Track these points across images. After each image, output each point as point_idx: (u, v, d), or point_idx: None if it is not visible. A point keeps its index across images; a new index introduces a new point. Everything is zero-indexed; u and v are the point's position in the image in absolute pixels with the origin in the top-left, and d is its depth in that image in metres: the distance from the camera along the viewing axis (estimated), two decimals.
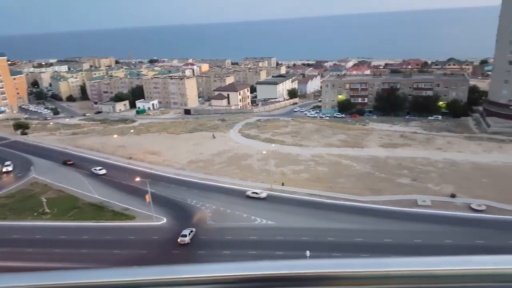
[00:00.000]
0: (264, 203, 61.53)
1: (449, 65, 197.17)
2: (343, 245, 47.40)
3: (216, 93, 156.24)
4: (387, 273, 1.42)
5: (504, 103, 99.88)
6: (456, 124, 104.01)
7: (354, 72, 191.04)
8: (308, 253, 42.00)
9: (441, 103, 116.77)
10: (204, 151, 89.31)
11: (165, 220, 58.83)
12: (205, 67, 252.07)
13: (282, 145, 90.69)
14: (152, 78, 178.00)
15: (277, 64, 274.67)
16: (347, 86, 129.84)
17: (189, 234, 51.98)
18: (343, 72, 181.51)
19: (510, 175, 66.20)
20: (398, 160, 76.32)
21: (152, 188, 63.12)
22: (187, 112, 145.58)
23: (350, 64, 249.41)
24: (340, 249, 45.68)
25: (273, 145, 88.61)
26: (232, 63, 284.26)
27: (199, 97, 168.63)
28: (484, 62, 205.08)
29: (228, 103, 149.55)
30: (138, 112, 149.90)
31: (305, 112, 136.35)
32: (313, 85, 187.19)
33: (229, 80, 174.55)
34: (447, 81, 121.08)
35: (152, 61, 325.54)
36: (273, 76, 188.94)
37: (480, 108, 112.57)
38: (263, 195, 63.81)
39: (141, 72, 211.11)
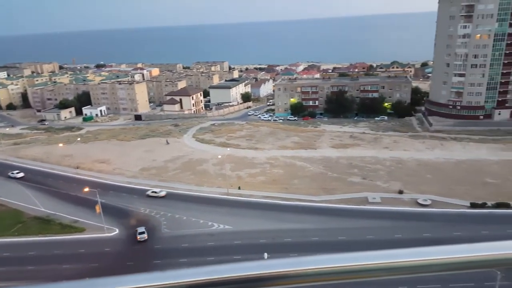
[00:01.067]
0: (221, 208, 60.91)
1: (392, 68, 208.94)
2: (300, 245, 48.05)
3: (168, 97, 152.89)
4: (364, 266, 1.51)
5: (444, 103, 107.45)
6: (401, 123, 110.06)
7: (304, 76, 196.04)
8: (266, 255, 42.05)
9: (386, 104, 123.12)
10: (157, 158, 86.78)
11: (117, 231, 56.25)
12: (155, 71, 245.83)
13: (237, 149, 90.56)
14: (99, 83, 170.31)
15: (230, 68, 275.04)
16: (299, 89, 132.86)
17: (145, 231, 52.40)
18: (294, 76, 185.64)
19: (451, 171, 71.14)
20: (349, 160, 79.14)
21: (103, 198, 60.05)
22: (138, 118, 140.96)
23: (300, 68, 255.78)
24: (297, 249, 46.27)
25: (228, 149, 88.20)
26: (184, 67, 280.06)
27: (150, 102, 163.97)
28: (424, 64, 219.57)
29: (181, 107, 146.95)
30: (85, 120, 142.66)
31: (259, 115, 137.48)
32: (266, 88, 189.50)
33: (181, 84, 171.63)
34: (391, 83, 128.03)
35: (99, 66, 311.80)
36: (226, 80, 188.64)
37: (422, 108, 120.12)
38: (162, 193, 66.02)
39: (87, 78, 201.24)
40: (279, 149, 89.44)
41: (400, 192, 62.57)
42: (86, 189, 62.36)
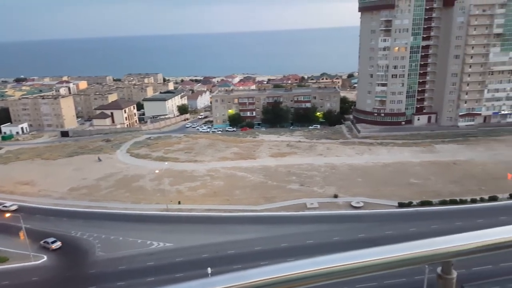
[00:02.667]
0: (161, 225, 58.65)
1: (322, 79, 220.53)
2: (243, 255, 47.89)
3: (98, 111, 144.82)
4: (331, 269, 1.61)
5: (370, 111, 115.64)
6: (332, 131, 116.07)
7: (241, 87, 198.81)
8: (209, 270, 41.19)
9: (318, 113, 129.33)
10: (87, 176, 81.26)
11: (45, 257, 51.37)
12: (83, 84, 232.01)
13: (176, 162, 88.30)
14: (19, 98, 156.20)
15: (164, 80, 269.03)
16: (236, 100, 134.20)
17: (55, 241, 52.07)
18: (231, 88, 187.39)
19: (379, 173, 76.38)
20: (287, 168, 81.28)
21: (27, 224, 54.60)
22: (65, 134, 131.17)
23: (236, 79, 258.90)
24: (241, 261, 46.03)
25: (166, 163, 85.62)
26: (114, 80, 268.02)
27: (78, 117, 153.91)
28: (350, 75, 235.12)
29: (113, 122, 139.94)
30: (4, 138, 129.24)
31: (197, 127, 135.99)
32: (203, 100, 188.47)
33: (112, 97, 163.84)
34: (322, 93, 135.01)
35: (19, 80, 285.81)
36: (161, 92, 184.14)
37: (351, 116, 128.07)
38: (13, 207, 64.88)
39: (6, 93, 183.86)
40: (219, 160, 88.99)
41: (335, 196, 65.62)
42: (7, 214, 56.39)
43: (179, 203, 65.37)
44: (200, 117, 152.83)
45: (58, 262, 50.29)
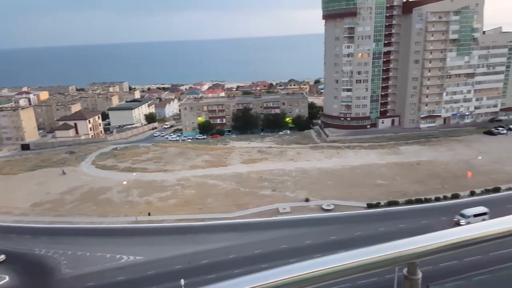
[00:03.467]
0: (130, 238, 56.92)
1: (290, 85, 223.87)
2: (217, 264, 47.30)
3: (61, 123, 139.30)
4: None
5: (336, 115, 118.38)
6: (302, 136, 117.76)
7: (210, 94, 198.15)
8: (182, 281, 40.33)
9: (288, 119, 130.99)
10: (51, 190, 77.72)
11: (7, 278, 48.49)
12: (44, 95, 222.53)
13: (144, 172, 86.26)
14: None
15: (130, 88, 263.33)
16: (205, 108, 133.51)
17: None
18: (200, 95, 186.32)
19: (347, 176, 78.13)
20: (258, 174, 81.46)
21: None
22: (26, 147, 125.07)
23: (205, 87, 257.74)
24: (215, 270, 45.43)
25: (134, 174, 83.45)
26: (77, 89, 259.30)
27: (39, 129, 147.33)
28: (317, 81, 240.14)
29: (77, 133, 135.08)
30: None
31: (166, 136, 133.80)
32: (172, 108, 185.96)
33: (76, 108, 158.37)
34: (290, 99, 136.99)
35: None
36: (127, 101, 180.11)
37: (319, 121, 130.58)
38: None
39: None
40: (190, 169, 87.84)
41: (307, 200, 66.41)
42: None
43: (149, 214, 63.79)
44: (166, 126, 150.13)
45: (21, 283, 47.58)
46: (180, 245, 53.51)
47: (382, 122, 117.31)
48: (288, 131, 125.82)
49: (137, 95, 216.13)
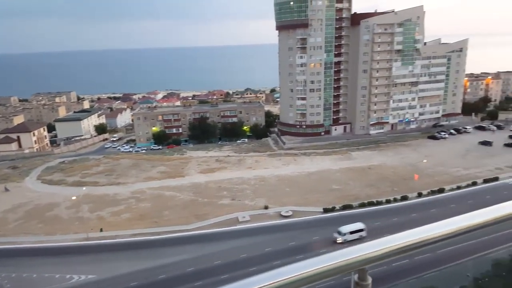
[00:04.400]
0: (81, 256, 53.72)
1: (247, 94, 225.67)
2: (175, 279, 45.97)
3: (2, 136, 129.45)
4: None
5: (292, 123, 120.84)
6: (259, 144, 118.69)
7: (165, 103, 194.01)
8: None
9: (245, 127, 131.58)
10: None
11: None
12: None
13: (95, 186, 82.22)
14: None
15: (79, 98, 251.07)
16: (160, 117, 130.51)
17: None
18: (154, 104, 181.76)
19: (304, 182, 79.70)
20: (217, 183, 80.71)
21: None
22: None
23: (159, 96, 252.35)
24: (173, 284, 44.15)
25: (84, 188, 79.27)
26: (20, 100, 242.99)
27: None
28: (273, 90, 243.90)
29: (20, 146, 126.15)
30: None
31: (119, 147, 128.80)
32: (124, 118, 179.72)
33: (18, 119, 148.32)
34: (247, 108, 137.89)
35: None
36: (75, 112, 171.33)
37: (276, 129, 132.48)
38: None
39: None
40: (144, 181, 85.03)
41: (266, 207, 66.76)
42: None
43: (101, 230, 60.73)
44: (114, 138, 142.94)
45: None
46: (136, 261, 51.36)
47: (335, 129, 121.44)
48: (246, 140, 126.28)
49: (86, 105, 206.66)
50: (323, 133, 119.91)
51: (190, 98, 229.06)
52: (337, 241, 52.16)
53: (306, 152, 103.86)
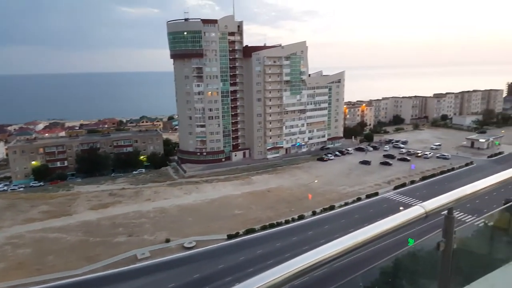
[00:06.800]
0: None
1: (142, 122, 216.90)
2: None
3: None
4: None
5: (193, 151, 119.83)
6: (158, 174, 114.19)
7: (47, 135, 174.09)
8: None
9: (142, 157, 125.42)
10: None
11: None
12: None
13: None
14: None
15: None
16: (41, 150, 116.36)
17: None
18: (34, 136, 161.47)
19: (206, 210, 78.98)
20: (111, 220, 74.56)
21: None
22: None
23: (40, 126, 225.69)
24: None
25: None
26: None
27: None
28: (171, 118, 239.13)
29: None
30: None
31: None
32: None
33: None
34: (143, 137, 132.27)
35: None
36: None
37: (176, 157, 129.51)
38: None
39: None
40: (23, 223, 73.90)
41: (167, 240, 63.87)
42: None
43: None
44: None
45: None
46: None
47: (235, 155, 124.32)
48: (144, 170, 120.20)
49: None
50: (223, 159, 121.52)
51: (77, 128, 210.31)
52: None
53: (208, 179, 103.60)
